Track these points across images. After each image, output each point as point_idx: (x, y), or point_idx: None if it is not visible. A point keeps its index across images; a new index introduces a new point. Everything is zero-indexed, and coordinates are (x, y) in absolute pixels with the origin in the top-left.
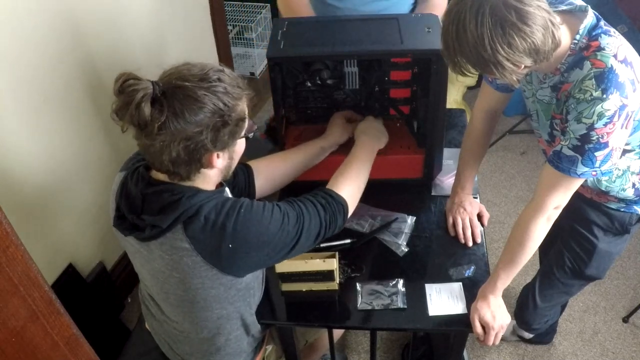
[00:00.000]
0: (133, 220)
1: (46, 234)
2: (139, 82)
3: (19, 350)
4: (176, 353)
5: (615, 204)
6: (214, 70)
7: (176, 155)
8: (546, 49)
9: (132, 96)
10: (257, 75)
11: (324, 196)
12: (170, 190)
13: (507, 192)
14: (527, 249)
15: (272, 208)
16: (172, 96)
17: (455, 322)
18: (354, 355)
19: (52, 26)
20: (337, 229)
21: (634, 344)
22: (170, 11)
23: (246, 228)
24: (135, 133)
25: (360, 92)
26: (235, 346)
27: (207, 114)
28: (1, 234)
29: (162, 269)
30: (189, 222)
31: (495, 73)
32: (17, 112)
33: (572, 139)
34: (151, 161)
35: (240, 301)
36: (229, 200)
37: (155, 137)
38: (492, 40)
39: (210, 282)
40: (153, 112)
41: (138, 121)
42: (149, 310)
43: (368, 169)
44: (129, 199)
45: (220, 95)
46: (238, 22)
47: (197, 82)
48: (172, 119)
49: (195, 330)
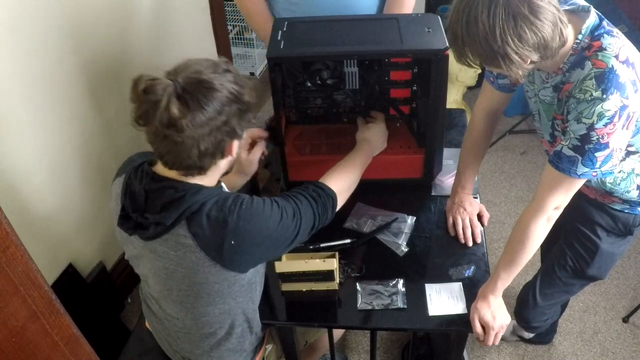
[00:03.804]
0: (137, 218)
1: (46, 234)
2: (159, 82)
3: (19, 350)
4: (176, 351)
5: (619, 205)
6: (222, 61)
7: (204, 148)
8: (554, 45)
9: (157, 97)
10: (257, 75)
11: (314, 189)
12: (174, 187)
13: (507, 192)
14: (527, 249)
15: (270, 203)
16: (194, 90)
17: (455, 322)
18: (354, 355)
19: (52, 27)
20: (327, 221)
21: (634, 344)
22: (170, 11)
23: (247, 224)
24: (152, 137)
25: (360, 92)
26: (235, 342)
27: (226, 102)
28: (1, 234)
29: (166, 265)
30: (192, 218)
31: (502, 66)
32: (16, 112)
33: (573, 139)
34: (172, 160)
35: (243, 296)
36: (230, 197)
37: (183, 134)
38: (503, 32)
39: (213, 277)
40: (181, 109)
41: (168, 121)
42: (150, 309)
43: (360, 174)
44: (133, 197)
45: (232, 83)
46: (238, 22)
47: (211, 73)
48: (199, 112)
49: (196, 326)
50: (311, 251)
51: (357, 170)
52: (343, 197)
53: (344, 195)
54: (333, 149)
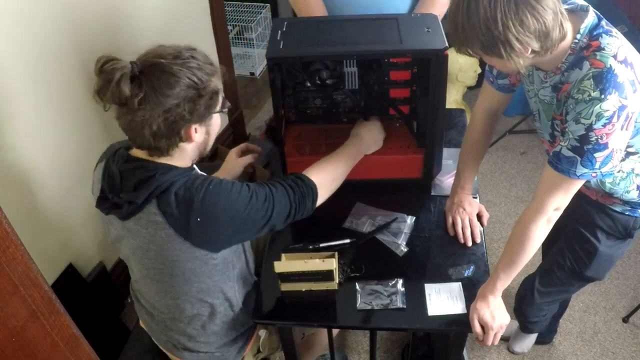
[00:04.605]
0: (113, 199)
1: (46, 234)
2: (117, 62)
3: (19, 350)
4: (167, 341)
5: (620, 206)
6: (187, 49)
7: (157, 128)
8: (554, 35)
9: (111, 75)
10: (257, 75)
11: (293, 179)
12: (144, 167)
13: (507, 192)
14: (527, 250)
15: (240, 186)
16: (150, 73)
17: (454, 322)
18: (354, 355)
19: (52, 27)
20: (307, 212)
21: (634, 344)
22: (170, 11)
23: (213, 203)
24: (117, 112)
25: (360, 92)
26: (221, 323)
27: (183, 88)
28: (1, 234)
29: (140, 244)
30: (161, 197)
31: (502, 54)
32: (16, 112)
33: (571, 139)
34: (133, 138)
35: (219, 275)
36: (200, 177)
37: (135, 112)
38: (504, 16)
39: (184, 255)
40: (133, 89)
41: (119, 98)
42: (139, 302)
43: (348, 168)
44: (110, 178)
45: (194, 70)
46: (238, 22)
47: (171, 59)
48: (151, 93)
49: (179, 309)
50: (311, 251)
51: (343, 163)
52: (326, 190)
53: (327, 187)
54: (332, 149)
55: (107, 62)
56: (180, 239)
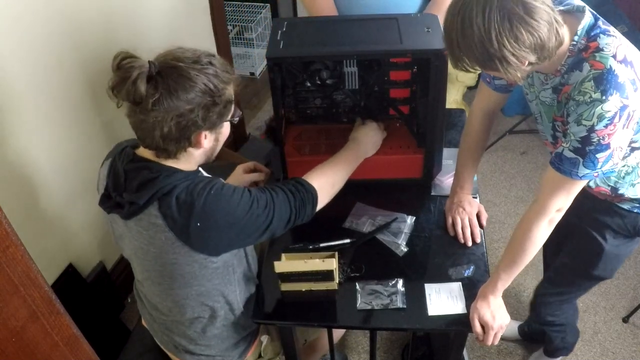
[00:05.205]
0: (115, 198)
1: (46, 234)
2: (136, 60)
3: (19, 350)
4: (168, 342)
5: (627, 204)
6: (206, 54)
7: (167, 131)
8: (550, 45)
9: (129, 73)
10: (257, 75)
11: (294, 184)
12: (149, 168)
13: (507, 192)
14: (528, 251)
15: (242, 192)
16: (167, 75)
17: (454, 322)
18: (354, 355)
19: (53, 28)
20: (307, 217)
21: (634, 344)
22: (170, 11)
23: (214, 208)
24: (129, 110)
25: (360, 92)
26: (221, 327)
27: (199, 93)
28: (1, 234)
29: (141, 246)
30: (163, 199)
31: (499, 69)
32: (16, 112)
33: (573, 141)
34: (142, 137)
35: (219, 279)
36: (202, 181)
37: (149, 113)
38: (499, 34)
39: (183, 258)
40: (148, 89)
41: (134, 97)
42: (142, 302)
43: (348, 173)
44: (115, 177)
45: (210, 77)
46: (238, 22)
47: (190, 63)
48: (166, 95)
49: (179, 312)
50: (311, 251)
51: (342, 168)
52: (326, 195)
53: (327, 192)
54: (332, 149)
55: (125, 59)
56: (179, 243)
